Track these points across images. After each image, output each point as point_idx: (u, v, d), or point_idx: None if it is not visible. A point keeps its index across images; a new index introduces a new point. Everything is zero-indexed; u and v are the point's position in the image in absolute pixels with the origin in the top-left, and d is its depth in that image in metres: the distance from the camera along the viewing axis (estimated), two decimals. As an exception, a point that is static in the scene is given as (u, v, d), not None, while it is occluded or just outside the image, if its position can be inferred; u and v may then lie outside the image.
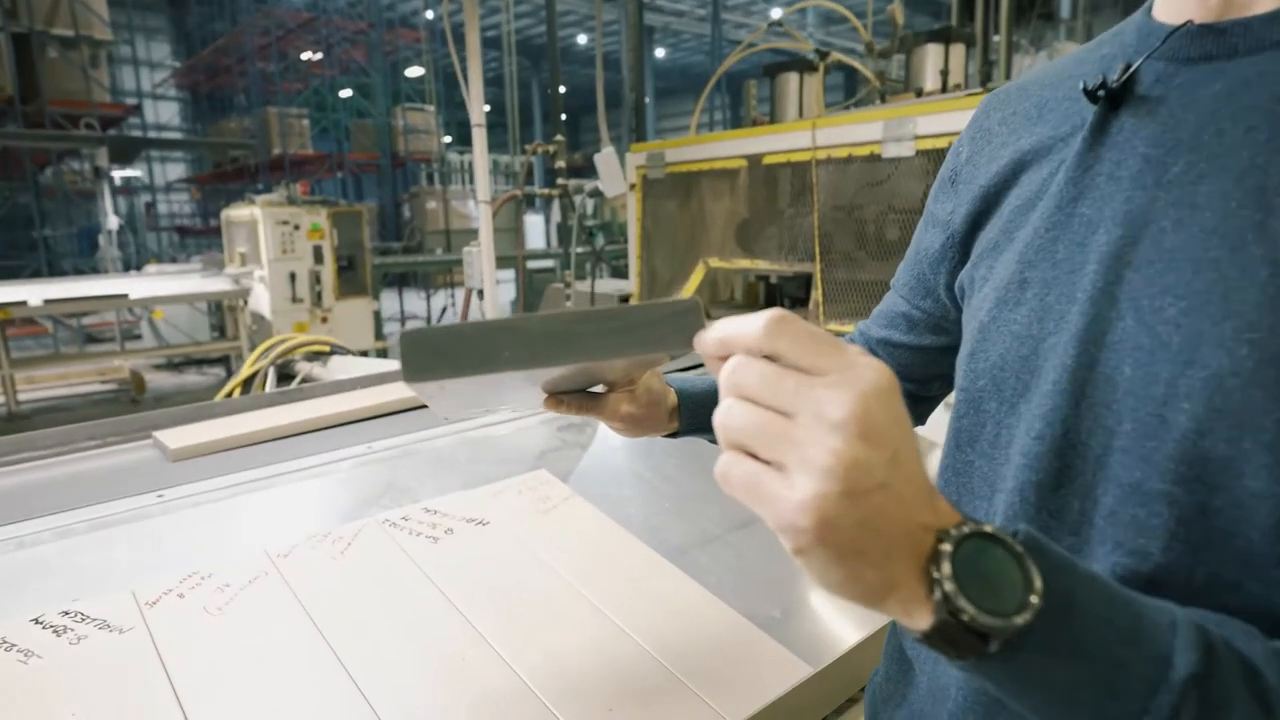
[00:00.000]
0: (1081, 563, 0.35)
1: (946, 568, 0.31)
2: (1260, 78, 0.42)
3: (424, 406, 1.57)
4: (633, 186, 2.42)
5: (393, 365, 1.84)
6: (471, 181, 16.37)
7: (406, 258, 10.02)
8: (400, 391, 1.56)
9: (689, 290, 2.43)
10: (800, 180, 2.28)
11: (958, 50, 2.25)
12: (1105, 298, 0.44)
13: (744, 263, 2.32)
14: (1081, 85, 0.48)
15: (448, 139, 14.80)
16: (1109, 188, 0.46)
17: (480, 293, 2.30)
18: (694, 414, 0.69)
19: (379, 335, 7.40)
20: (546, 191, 2.49)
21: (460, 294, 12.32)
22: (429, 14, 12.51)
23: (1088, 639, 0.33)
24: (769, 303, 2.67)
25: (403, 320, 10.35)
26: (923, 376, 0.70)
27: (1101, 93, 0.47)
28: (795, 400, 0.31)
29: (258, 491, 1.17)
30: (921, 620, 0.33)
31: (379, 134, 13.24)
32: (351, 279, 7.06)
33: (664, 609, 0.92)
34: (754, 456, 0.32)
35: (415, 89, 13.86)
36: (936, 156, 1.80)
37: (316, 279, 6.70)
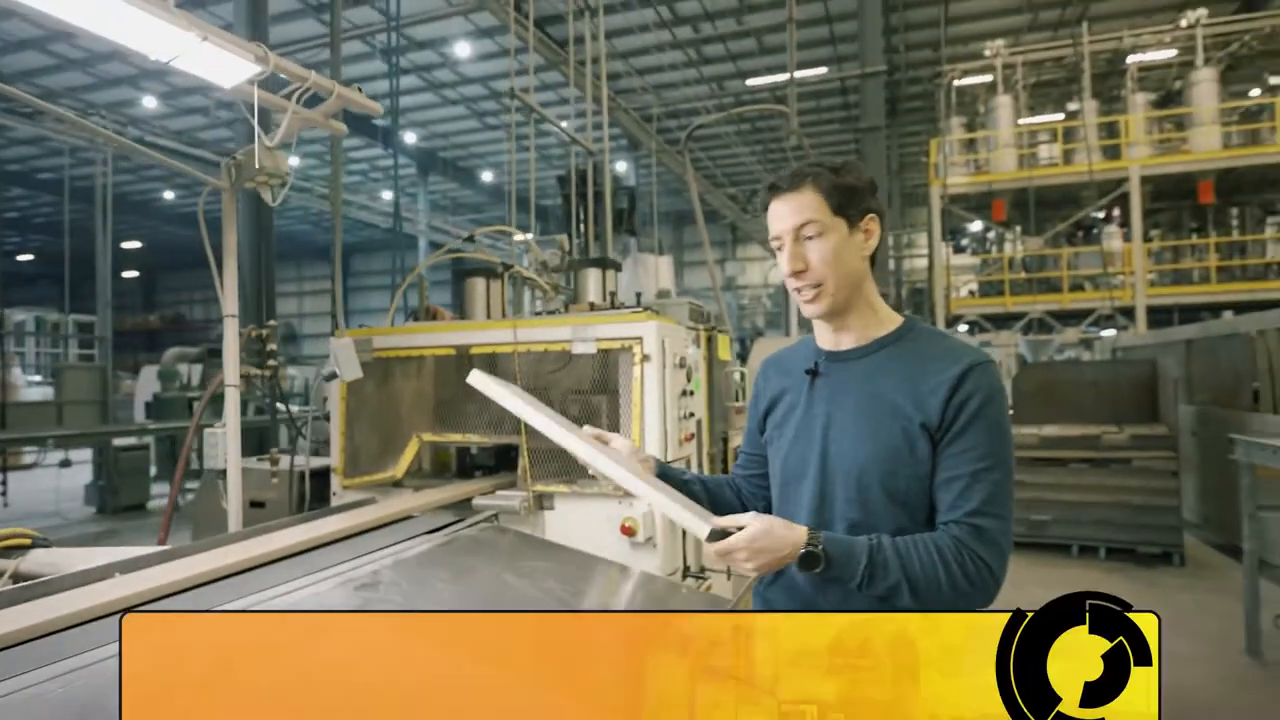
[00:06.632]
0: (843, 536, 1.05)
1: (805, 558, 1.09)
2: (853, 369, 1.22)
3: (199, 586, 1.60)
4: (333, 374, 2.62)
5: (127, 551, 1.76)
6: (8, 345, 13.41)
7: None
8: (163, 578, 1.55)
9: (403, 463, 2.66)
10: (492, 365, 2.75)
11: (610, 274, 3.02)
12: (825, 442, 1.18)
13: (455, 437, 2.66)
14: (803, 367, 1.25)
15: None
16: (819, 406, 1.24)
17: (223, 474, 2.22)
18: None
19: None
20: (259, 372, 2.54)
21: (17, 476, 9.83)
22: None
23: (842, 554, 1.02)
24: (461, 470, 3.00)
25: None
26: (766, 484, 1.41)
27: (808, 372, 1.23)
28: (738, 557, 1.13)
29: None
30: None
31: None
32: None
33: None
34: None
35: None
36: (609, 355, 2.44)
37: None
